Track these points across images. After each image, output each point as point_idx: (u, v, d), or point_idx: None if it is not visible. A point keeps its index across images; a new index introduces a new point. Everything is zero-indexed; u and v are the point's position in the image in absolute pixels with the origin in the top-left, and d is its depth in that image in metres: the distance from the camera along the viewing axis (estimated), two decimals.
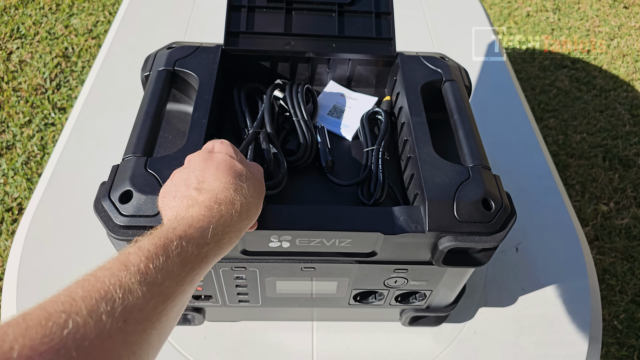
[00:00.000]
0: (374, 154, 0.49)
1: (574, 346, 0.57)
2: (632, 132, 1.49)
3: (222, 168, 0.33)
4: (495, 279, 0.63)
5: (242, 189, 0.33)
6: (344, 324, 0.58)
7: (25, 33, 1.66)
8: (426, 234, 0.39)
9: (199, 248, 0.28)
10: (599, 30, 1.86)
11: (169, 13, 1.00)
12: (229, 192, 0.32)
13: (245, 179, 0.34)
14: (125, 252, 0.25)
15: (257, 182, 0.36)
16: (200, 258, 0.28)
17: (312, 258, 0.43)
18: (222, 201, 0.31)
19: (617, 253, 1.20)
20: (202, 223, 0.29)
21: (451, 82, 0.51)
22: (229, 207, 0.31)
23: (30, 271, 0.60)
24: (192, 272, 0.27)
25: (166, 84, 0.48)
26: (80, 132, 0.76)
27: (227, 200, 0.31)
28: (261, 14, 0.55)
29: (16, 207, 1.21)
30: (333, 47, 0.54)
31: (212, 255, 0.30)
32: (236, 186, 0.33)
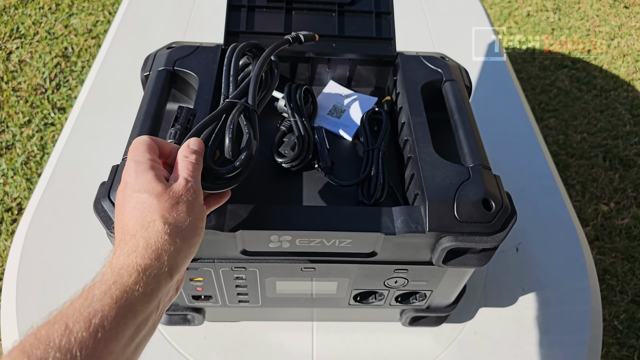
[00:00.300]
0: (374, 154, 0.48)
1: (575, 346, 0.57)
2: (633, 132, 1.49)
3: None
4: (496, 279, 0.63)
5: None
6: (344, 324, 0.58)
7: (25, 33, 1.66)
8: (426, 234, 0.39)
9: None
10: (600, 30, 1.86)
11: (168, 13, 1.00)
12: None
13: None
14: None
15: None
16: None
17: (312, 258, 0.43)
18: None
19: (617, 253, 1.19)
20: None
21: (451, 82, 0.51)
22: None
23: (30, 271, 0.59)
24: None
25: (166, 83, 0.48)
26: (80, 132, 0.76)
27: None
28: (261, 13, 0.55)
29: (16, 207, 1.21)
30: (333, 47, 0.54)
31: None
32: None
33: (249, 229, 0.38)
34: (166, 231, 0.28)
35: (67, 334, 0.23)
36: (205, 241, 0.40)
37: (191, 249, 0.30)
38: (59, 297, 0.58)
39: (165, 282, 0.28)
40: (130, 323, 0.25)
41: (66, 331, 0.23)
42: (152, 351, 0.54)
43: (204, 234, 0.35)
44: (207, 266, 0.44)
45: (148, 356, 0.54)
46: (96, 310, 0.24)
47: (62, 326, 0.23)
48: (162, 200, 0.29)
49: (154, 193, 0.29)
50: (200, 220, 0.31)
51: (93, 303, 0.25)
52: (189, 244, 0.29)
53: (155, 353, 0.54)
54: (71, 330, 0.23)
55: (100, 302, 0.25)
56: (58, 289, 0.58)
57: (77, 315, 0.24)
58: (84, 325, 0.24)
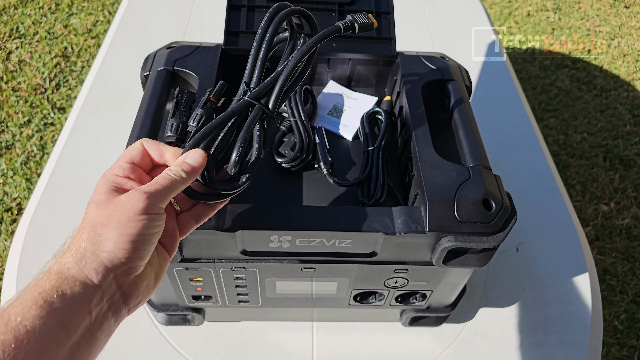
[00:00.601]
0: (374, 154, 0.48)
1: (575, 346, 0.57)
2: (633, 132, 1.49)
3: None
4: (496, 279, 0.63)
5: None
6: (344, 325, 0.58)
7: (25, 33, 1.66)
8: (426, 234, 0.39)
9: None
10: (600, 30, 1.85)
11: (168, 13, 1.00)
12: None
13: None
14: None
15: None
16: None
17: (312, 258, 0.43)
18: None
19: (617, 253, 1.19)
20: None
21: (451, 82, 0.51)
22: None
23: (30, 271, 0.59)
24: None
25: (166, 83, 0.48)
26: (80, 132, 0.76)
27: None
28: (261, 13, 0.55)
29: (15, 207, 1.21)
30: (333, 47, 0.54)
31: None
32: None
33: (249, 229, 0.38)
34: (89, 238, 0.27)
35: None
36: (205, 241, 0.40)
37: (127, 256, 0.28)
38: None
39: (88, 288, 0.26)
40: (54, 325, 0.24)
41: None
42: (152, 351, 0.54)
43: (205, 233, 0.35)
44: (207, 266, 0.44)
45: (148, 356, 0.54)
46: (17, 312, 0.24)
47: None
48: (100, 209, 0.28)
49: (97, 203, 0.29)
50: (143, 231, 0.28)
51: (15, 305, 0.25)
52: (120, 254, 0.27)
53: (155, 353, 0.54)
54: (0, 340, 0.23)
55: (21, 304, 0.24)
56: None
57: (2, 320, 0.24)
58: (6, 327, 0.23)
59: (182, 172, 0.30)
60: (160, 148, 0.32)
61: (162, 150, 0.32)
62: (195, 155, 0.31)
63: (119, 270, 0.28)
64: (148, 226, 0.28)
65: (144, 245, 0.28)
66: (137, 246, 0.28)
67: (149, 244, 0.29)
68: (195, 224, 0.33)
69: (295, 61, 0.33)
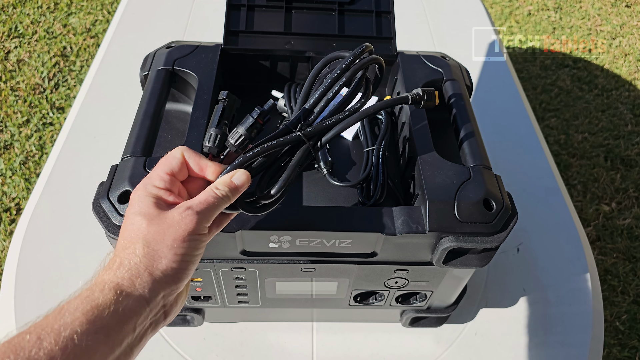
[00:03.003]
0: (375, 153, 0.48)
1: (576, 347, 0.57)
2: (634, 132, 1.48)
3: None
4: (497, 280, 0.63)
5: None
6: (344, 325, 0.58)
7: (24, 32, 1.66)
8: (427, 234, 0.39)
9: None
10: (601, 29, 1.85)
11: (168, 12, 1.00)
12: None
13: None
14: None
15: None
16: None
17: (312, 259, 0.43)
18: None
19: (619, 253, 1.19)
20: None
21: (452, 82, 0.50)
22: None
23: (29, 272, 0.59)
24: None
25: (165, 83, 0.48)
26: (79, 131, 0.76)
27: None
28: (261, 13, 0.54)
29: (14, 207, 1.21)
30: (333, 47, 0.54)
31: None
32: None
33: (249, 229, 0.38)
34: (145, 255, 0.27)
35: (38, 345, 0.23)
36: None
37: (176, 276, 0.28)
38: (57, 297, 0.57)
39: (140, 305, 0.27)
40: (102, 340, 0.25)
41: (37, 342, 0.23)
42: (151, 352, 0.54)
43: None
44: (207, 266, 0.44)
45: (147, 357, 0.54)
46: (66, 323, 0.24)
47: (34, 337, 0.23)
48: (153, 224, 0.28)
49: (147, 216, 0.28)
50: (190, 252, 0.29)
51: (64, 316, 0.24)
52: (172, 274, 0.28)
53: (154, 354, 0.54)
54: (42, 341, 0.23)
55: (72, 316, 0.24)
56: (56, 289, 0.58)
57: (49, 327, 0.24)
58: (54, 337, 0.23)
59: (228, 192, 0.30)
60: (201, 162, 0.31)
61: (203, 165, 0.31)
62: (242, 176, 0.31)
63: (168, 289, 0.28)
64: (197, 247, 0.29)
65: (191, 265, 0.29)
66: (186, 266, 0.28)
67: (195, 263, 0.30)
68: (217, 230, 0.33)
69: (358, 118, 0.33)
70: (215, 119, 0.32)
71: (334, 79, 0.33)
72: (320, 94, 0.33)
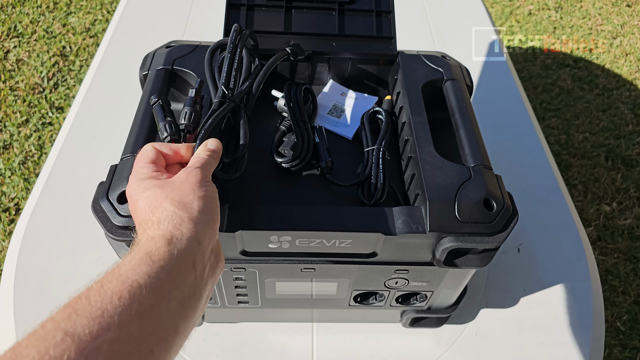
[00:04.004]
0: (375, 153, 0.48)
1: (576, 348, 0.57)
2: (635, 132, 1.48)
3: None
4: (497, 280, 0.63)
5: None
6: (344, 325, 0.58)
7: (23, 32, 1.66)
8: (427, 234, 0.38)
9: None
10: (602, 28, 1.85)
11: (167, 11, 0.99)
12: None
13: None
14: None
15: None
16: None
17: (312, 259, 0.43)
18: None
19: (619, 254, 1.19)
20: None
21: (452, 81, 0.50)
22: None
23: (28, 272, 0.59)
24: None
25: (165, 83, 0.48)
26: (78, 131, 0.75)
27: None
28: (261, 12, 0.54)
29: (13, 207, 1.21)
30: (333, 46, 0.54)
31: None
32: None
33: (249, 229, 0.38)
34: (176, 207, 0.29)
35: (104, 289, 0.23)
36: None
37: (210, 216, 0.31)
38: (57, 297, 0.58)
39: (192, 245, 0.28)
40: (165, 280, 0.25)
41: (102, 287, 0.23)
42: None
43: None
44: None
45: None
46: (127, 269, 0.25)
47: (98, 284, 0.24)
48: (166, 188, 0.30)
49: (157, 186, 0.31)
50: (210, 194, 0.32)
51: (124, 265, 0.25)
52: (206, 214, 0.30)
53: None
54: (107, 286, 0.23)
55: (130, 263, 0.25)
56: (56, 289, 0.58)
57: (110, 276, 0.24)
58: (118, 281, 0.24)
59: (211, 154, 0.35)
60: (173, 147, 0.35)
61: (175, 148, 0.35)
62: (213, 142, 0.36)
63: (209, 230, 0.30)
64: (213, 190, 0.32)
65: (216, 204, 0.32)
66: (213, 205, 0.31)
67: (218, 205, 0.32)
68: None
69: (263, 75, 0.45)
70: (160, 114, 0.37)
71: (230, 58, 0.43)
72: (227, 70, 0.42)
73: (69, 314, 0.22)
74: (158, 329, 0.24)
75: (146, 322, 0.23)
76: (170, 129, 0.36)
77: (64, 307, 0.23)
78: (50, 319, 0.22)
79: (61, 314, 0.22)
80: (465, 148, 0.44)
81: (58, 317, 0.22)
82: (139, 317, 0.23)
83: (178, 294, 0.26)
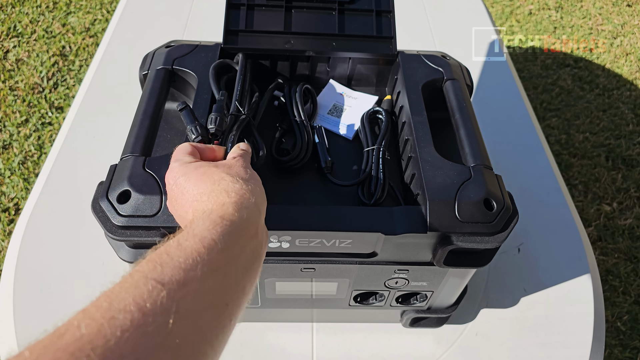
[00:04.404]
0: (375, 153, 0.48)
1: (577, 348, 0.57)
2: (636, 132, 1.48)
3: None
4: (497, 280, 0.63)
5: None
6: (344, 325, 0.58)
7: (22, 31, 1.66)
8: (427, 234, 0.38)
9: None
10: (602, 28, 1.85)
11: (167, 11, 0.99)
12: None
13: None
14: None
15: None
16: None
17: (312, 259, 0.43)
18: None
19: (620, 254, 1.19)
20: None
21: (452, 81, 0.50)
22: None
23: (28, 272, 0.59)
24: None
25: (164, 83, 0.48)
26: (78, 131, 0.75)
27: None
28: (260, 12, 0.54)
29: (13, 207, 1.20)
30: (333, 46, 0.54)
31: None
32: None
33: None
34: (236, 180, 0.32)
35: (183, 246, 0.25)
36: None
37: (262, 192, 0.34)
38: (56, 297, 0.58)
39: (255, 212, 0.31)
40: (237, 239, 0.28)
41: (181, 244, 0.25)
42: None
43: None
44: None
45: None
46: (202, 229, 0.26)
47: (176, 242, 0.25)
48: (221, 167, 0.33)
49: (211, 165, 0.33)
50: (257, 177, 0.35)
51: (198, 225, 0.27)
52: (259, 190, 0.33)
53: None
54: (186, 244, 0.25)
55: (205, 224, 0.27)
56: (55, 289, 0.58)
57: (187, 234, 0.26)
58: (194, 240, 0.25)
59: (245, 150, 0.38)
60: (206, 146, 0.38)
61: (212, 148, 0.38)
62: (243, 145, 0.40)
63: (265, 205, 0.33)
64: (257, 176, 0.35)
65: (262, 187, 0.34)
66: (261, 188, 0.34)
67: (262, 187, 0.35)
68: None
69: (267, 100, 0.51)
70: (189, 118, 0.40)
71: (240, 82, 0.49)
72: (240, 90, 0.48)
73: (154, 266, 0.23)
74: (231, 286, 0.26)
75: (222, 278, 0.25)
76: (200, 130, 0.39)
77: (146, 262, 0.24)
78: (135, 271, 0.23)
79: (146, 266, 0.23)
80: (465, 148, 0.44)
81: (144, 269, 0.23)
82: (216, 272, 0.25)
83: (243, 257, 0.28)
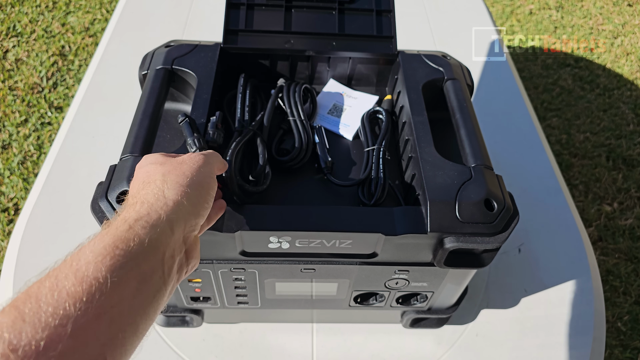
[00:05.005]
0: (375, 153, 0.48)
1: (577, 348, 0.56)
2: (636, 132, 1.48)
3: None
4: (498, 280, 0.62)
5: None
6: (345, 326, 0.57)
7: (22, 31, 1.66)
8: (428, 234, 0.38)
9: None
10: (603, 28, 1.84)
11: (167, 11, 0.99)
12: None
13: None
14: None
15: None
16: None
17: (312, 259, 0.43)
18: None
19: (620, 254, 1.19)
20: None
21: (453, 81, 0.50)
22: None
23: (27, 272, 0.59)
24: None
25: (164, 82, 0.48)
26: (77, 131, 0.75)
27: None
28: (260, 11, 0.54)
29: (12, 207, 1.20)
30: (333, 45, 0.54)
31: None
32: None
33: (248, 229, 0.38)
34: (164, 186, 0.29)
35: (59, 288, 0.21)
36: (203, 242, 0.39)
37: (195, 206, 0.30)
38: None
39: (165, 233, 0.26)
40: (131, 274, 0.23)
41: (57, 285, 0.21)
42: (149, 353, 0.54)
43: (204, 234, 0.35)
44: (206, 267, 0.43)
45: (146, 358, 0.54)
46: (88, 261, 0.22)
47: (53, 280, 0.21)
48: (165, 164, 0.31)
49: (158, 162, 0.32)
50: (206, 184, 0.31)
51: (85, 254, 0.23)
52: (192, 201, 0.29)
53: (153, 355, 0.54)
54: (62, 284, 0.21)
55: (93, 253, 0.23)
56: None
57: (68, 269, 0.22)
58: (76, 278, 0.21)
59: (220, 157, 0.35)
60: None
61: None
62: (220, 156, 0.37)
63: (189, 223, 0.29)
64: (211, 183, 0.32)
65: (208, 200, 0.31)
66: (204, 200, 0.30)
67: (211, 198, 0.31)
68: (207, 225, 0.35)
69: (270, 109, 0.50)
70: (189, 130, 0.40)
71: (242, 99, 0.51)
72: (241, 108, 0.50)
73: (14, 319, 0.20)
74: (116, 332, 0.22)
75: (105, 327, 0.21)
76: (198, 143, 0.39)
77: (9, 308, 0.20)
78: (9, 303, 0.20)
79: (7, 317, 0.20)
80: (465, 148, 0.44)
81: (2, 322, 0.19)
82: (97, 321, 0.21)
83: (143, 291, 0.24)
